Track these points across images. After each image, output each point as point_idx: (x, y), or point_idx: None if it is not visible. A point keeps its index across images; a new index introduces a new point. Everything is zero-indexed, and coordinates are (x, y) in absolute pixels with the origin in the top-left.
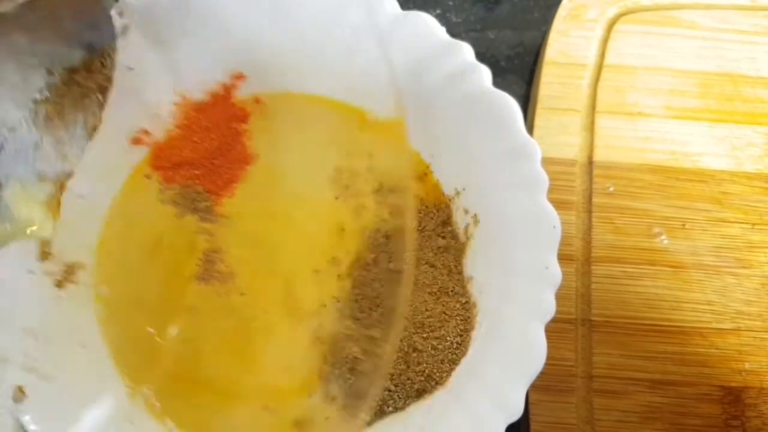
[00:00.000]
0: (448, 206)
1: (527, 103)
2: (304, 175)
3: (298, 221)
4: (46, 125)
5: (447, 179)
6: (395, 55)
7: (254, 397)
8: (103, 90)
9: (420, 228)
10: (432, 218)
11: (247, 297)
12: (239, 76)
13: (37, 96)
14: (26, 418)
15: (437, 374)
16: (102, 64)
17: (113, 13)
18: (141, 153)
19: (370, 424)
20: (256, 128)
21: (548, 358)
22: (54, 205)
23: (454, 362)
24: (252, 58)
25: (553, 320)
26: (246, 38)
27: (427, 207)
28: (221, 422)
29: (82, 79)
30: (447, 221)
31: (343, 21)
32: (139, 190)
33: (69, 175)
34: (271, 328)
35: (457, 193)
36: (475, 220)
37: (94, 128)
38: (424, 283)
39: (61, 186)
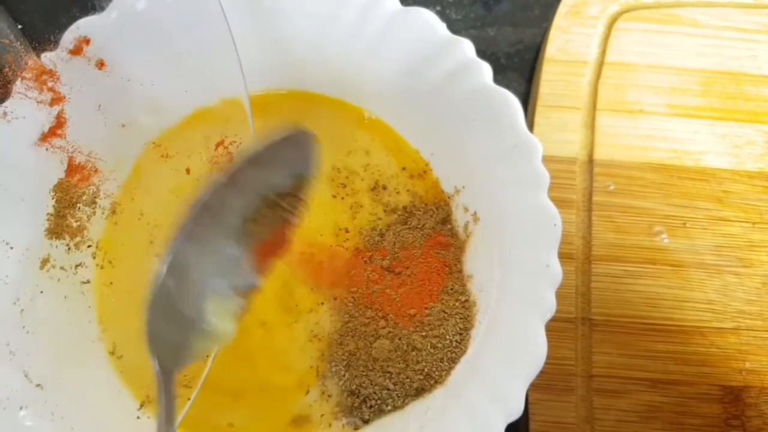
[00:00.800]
0: (447, 204)
1: (527, 101)
2: None
3: None
4: (248, 243)
5: (447, 177)
6: (395, 51)
7: (252, 395)
8: (299, 212)
9: (419, 226)
10: (431, 216)
11: None
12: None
13: (248, 217)
14: (22, 414)
15: (437, 373)
16: (304, 190)
17: None
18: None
19: (369, 422)
20: (257, 127)
21: (548, 357)
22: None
23: (454, 361)
24: (250, 58)
25: (553, 319)
26: (244, 38)
27: (426, 205)
28: (219, 420)
29: (286, 204)
30: (446, 219)
31: (339, 19)
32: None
33: (259, 289)
34: (269, 326)
35: (457, 191)
36: (475, 217)
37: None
38: (423, 281)
39: (249, 298)
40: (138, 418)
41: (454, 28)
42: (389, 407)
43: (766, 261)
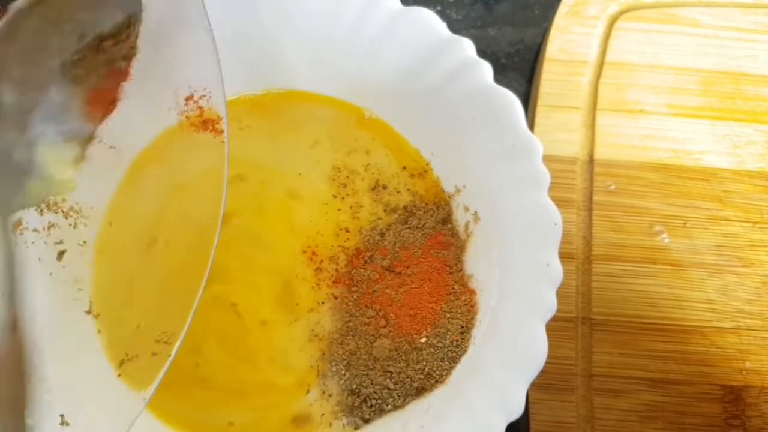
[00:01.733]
0: (448, 203)
1: (528, 101)
2: (303, 173)
3: (297, 219)
4: (75, 88)
5: (447, 176)
6: (396, 51)
7: (252, 394)
8: (128, 58)
9: (420, 225)
10: (432, 215)
11: (246, 295)
12: None
13: (68, 59)
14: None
15: (437, 372)
16: (128, 34)
17: None
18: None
19: (369, 421)
20: (257, 127)
21: (548, 356)
22: (78, 163)
23: (455, 360)
24: (250, 58)
25: (554, 319)
26: (244, 38)
27: (427, 204)
28: (219, 419)
29: (109, 47)
30: (447, 218)
31: (340, 18)
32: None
33: (92, 136)
34: (269, 325)
35: (458, 191)
36: (476, 217)
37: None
38: (423, 280)
39: (85, 146)
40: (118, 376)
41: (455, 27)
42: (390, 407)
43: (766, 261)
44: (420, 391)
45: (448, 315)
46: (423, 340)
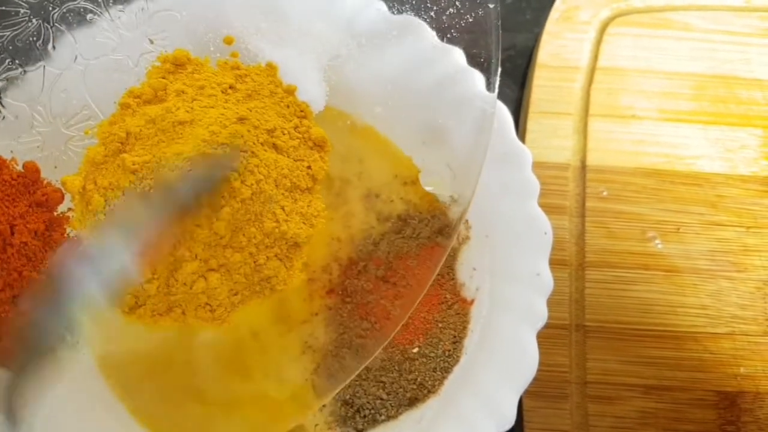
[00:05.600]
0: (444, 213)
1: (520, 107)
2: None
3: None
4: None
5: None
6: (387, 59)
7: (246, 407)
8: None
9: (414, 235)
10: (426, 225)
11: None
12: None
13: None
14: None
15: (430, 383)
16: None
17: None
18: None
19: None
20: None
21: (542, 364)
22: None
23: (447, 370)
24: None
25: (547, 326)
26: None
27: (420, 213)
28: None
29: None
30: (442, 228)
31: (332, 24)
32: None
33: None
34: (263, 337)
35: (453, 200)
36: (467, 226)
37: None
38: (417, 291)
39: None
40: None
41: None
42: (383, 417)
43: (759, 265)
44: (413, 402)
45: (440, 325)
46: (415, 350)
